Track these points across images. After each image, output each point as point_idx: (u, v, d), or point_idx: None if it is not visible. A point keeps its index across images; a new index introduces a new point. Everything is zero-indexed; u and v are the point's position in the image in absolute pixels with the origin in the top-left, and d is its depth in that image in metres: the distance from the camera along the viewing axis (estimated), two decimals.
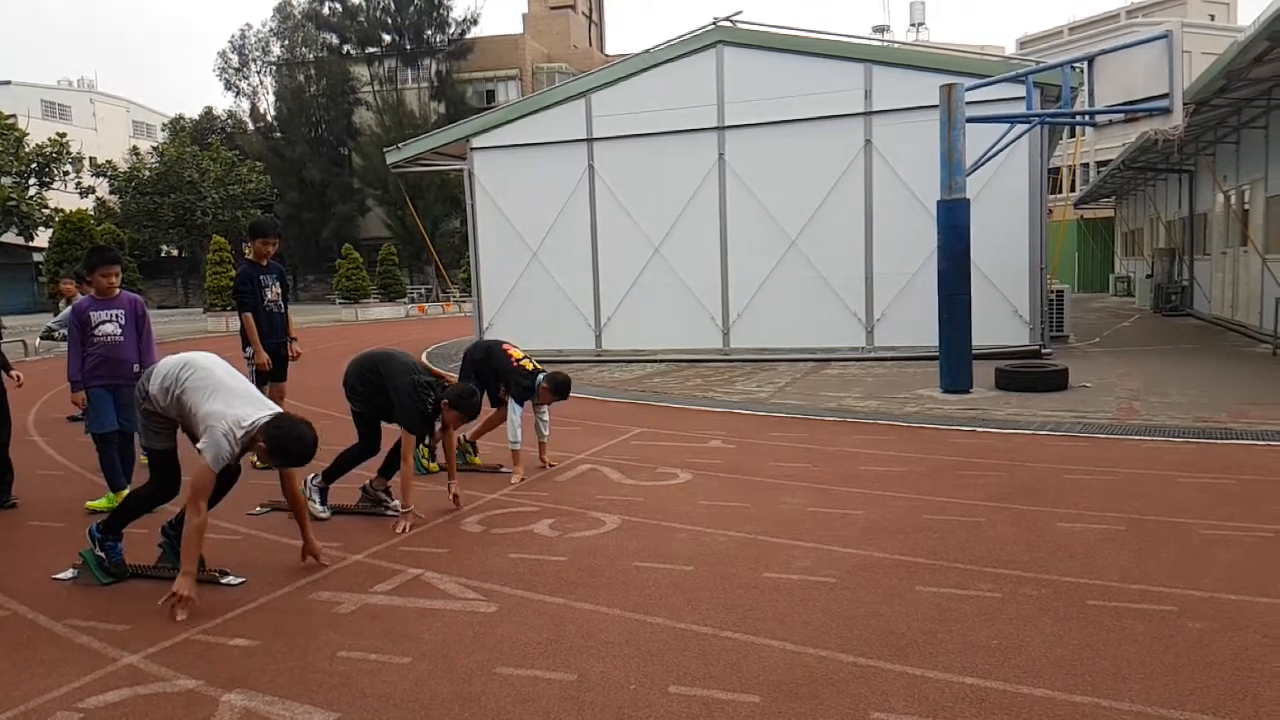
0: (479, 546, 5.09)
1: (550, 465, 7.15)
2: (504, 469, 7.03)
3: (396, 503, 5.84)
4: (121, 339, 6.18)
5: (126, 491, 6.14)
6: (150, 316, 6.53)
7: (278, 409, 4.47)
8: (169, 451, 4.74)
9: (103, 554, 4.70)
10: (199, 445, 4.29)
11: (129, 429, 6.35)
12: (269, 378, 7.49)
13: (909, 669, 3.32)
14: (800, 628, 3.76)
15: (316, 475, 5.95)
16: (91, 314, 6.14)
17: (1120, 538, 4.81)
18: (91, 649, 3.81)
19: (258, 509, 6.02)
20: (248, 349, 7.49)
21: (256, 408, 4.40)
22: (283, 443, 4.23)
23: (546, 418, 7.08)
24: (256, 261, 7.52)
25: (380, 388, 5.80)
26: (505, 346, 7.08)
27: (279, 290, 7.61)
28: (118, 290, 6.25)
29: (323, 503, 5.91)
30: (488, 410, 7.05)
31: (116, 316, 6.18)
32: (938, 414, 8.94)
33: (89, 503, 6.25)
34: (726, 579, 4.40)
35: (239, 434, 4.25)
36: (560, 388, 6.83)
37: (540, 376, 6.89)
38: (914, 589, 4.17)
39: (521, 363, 6.93)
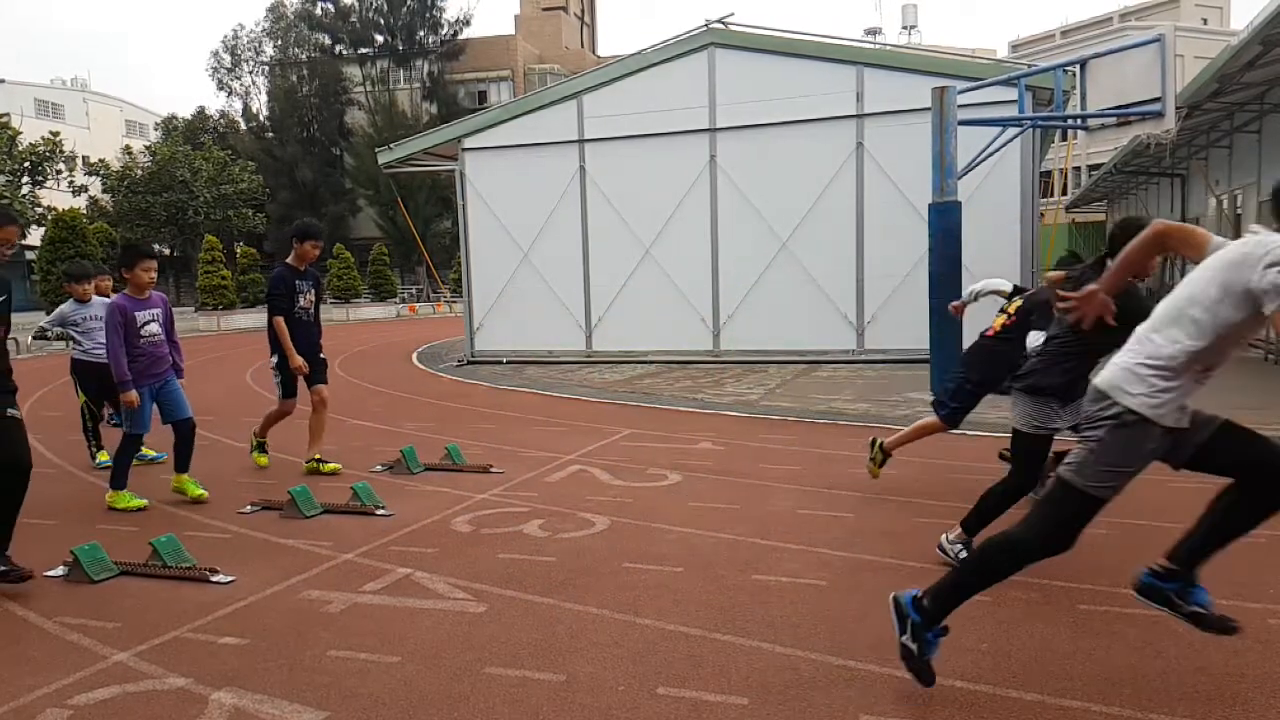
0: (469, 546, 5.08)
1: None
2: (494, 469, 7.01)
3: None
4: (162, 338, 6.24)
5: (125, 492, 6.10)
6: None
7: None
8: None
9: (915, 645, 3.15)
10: None
11: (188, 417, 6.26)
12: (309, 382, 7.18)
13: (898, 672, 3.31)
14: (789, 630, 3.77)
15: (952, 535, 4.62)
16: (136, 314, 6.08)
17: (1111, 541, 4.82)
18: (82, 646, 3.79)
19: (248, 507, 6.00)
20: (274, 356, 7.16)
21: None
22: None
23: None
24: (296, 266, 7.13)
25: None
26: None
27: (312, 297, 7.25)
28: (149, 291, 6.21)
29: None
30: None
31: (156, 316, 6.21)
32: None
33: (108, 496, 6.15)
34: (716, 581, 4.40)
35: None
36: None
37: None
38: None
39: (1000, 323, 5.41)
